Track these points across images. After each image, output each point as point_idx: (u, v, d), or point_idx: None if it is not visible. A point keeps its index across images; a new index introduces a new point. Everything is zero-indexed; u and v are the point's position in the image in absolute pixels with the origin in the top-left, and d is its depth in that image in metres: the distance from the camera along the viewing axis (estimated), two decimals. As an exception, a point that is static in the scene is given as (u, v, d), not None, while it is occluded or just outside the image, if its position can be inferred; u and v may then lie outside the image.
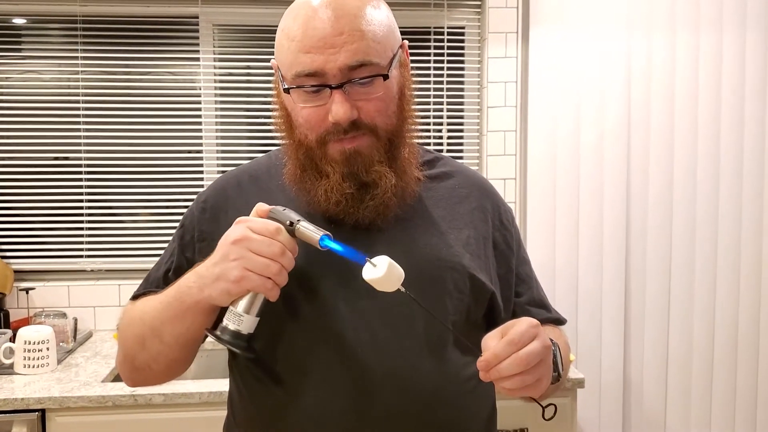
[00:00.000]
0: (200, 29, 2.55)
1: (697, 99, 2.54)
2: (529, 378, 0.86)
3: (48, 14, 2.52)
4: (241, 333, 0.91)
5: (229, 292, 0.90)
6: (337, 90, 0.95)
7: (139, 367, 1.04)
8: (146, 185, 2.56)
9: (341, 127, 0.96)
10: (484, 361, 0.86)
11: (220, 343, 0.92)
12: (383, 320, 0.99)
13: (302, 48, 0.95)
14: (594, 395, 2.53)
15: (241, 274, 0.89)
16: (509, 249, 1.15)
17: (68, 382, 1.95)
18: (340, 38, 0.94)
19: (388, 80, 0.98)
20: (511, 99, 2.58)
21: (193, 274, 0.95)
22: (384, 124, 0.99)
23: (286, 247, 0.90)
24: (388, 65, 0.98)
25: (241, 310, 0.91)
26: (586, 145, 2.52)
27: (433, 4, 2.60)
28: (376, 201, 0.99)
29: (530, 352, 0.85)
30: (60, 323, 2.24)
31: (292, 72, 0.97)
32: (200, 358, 2.34)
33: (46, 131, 2.53)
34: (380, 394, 0.98)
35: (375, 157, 0.99)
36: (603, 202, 2.53)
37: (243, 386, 1.08)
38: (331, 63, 0.94)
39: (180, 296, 0.95)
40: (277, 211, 0.93)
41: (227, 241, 0.91)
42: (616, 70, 2.51)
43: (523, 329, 0.86)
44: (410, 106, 1.04)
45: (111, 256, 2.56)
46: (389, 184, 0.99)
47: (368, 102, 0.97)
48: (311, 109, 0.97)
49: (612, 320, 2.54)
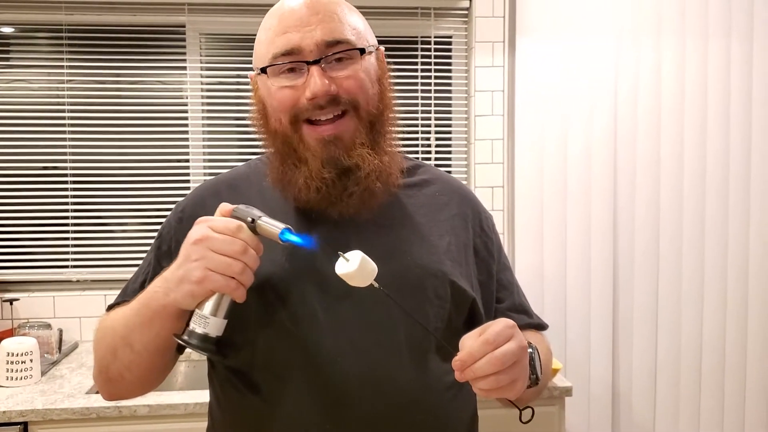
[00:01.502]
0: (187, 38, 2.54)
1: (683, 108, 2.56)
2: (504, 378, 0.85)
3: (34, 23, 2.51)
4: (209, 336, 0.89)
5: (192, 294, 0.88)
6: (314, 65, 0.95)
7: (113, 378, 1.02)
8: (132, 194, 2.55)
9: (318, 103, 0.95)
10: (459, 361, 0.85)
11: (189, 347, 0.90)
12: (363, 327, 0.98)
13: (279, 31, 0.96)
14: (582, 404, 2.53)
15: (203, 275, 0.87)
16: (490, 255, 1.14)
17: (52, 394, 1.93)
18: (316, 17, 0.96)
19: (366, 62, 0.98)
20: (499, 108, 2.59)
21: (160, 278, 0.94)
22: (365, 103, 0.99)
23: (248, 245, 0.88)
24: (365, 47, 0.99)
25: (207, 313, 0.89)
26: (573, 153, 2.52)
27: (420, 14, 2.61)
28: (360, 186, 0.98)
29: (505, 351, 0.85)
30: (44, 334, 2.22)
31: (269, 56, 0.97)
32: (186, 369, 2.32)
33: (32, 140, 2.51)
34: (360, 402, 0.97)
35: (356, 139, 0.98)
36: (590, 211, 2.53)
37: (222, 396, 1.07)
38: (307, 39, 0.95)
39: (147, 302, 0.94)
40: (239, 209, 0.92)
41: (188, 241, 0.89)
42: (603, 79, 2.52)
43: (499, 329, 0.86)
44: (390, 97, 1.04)
45: (97, 266, 2.54)
46: (372, 166, 0.98)
47: (347, 77, 0.97)
48: (286, 91, 0.97)
49: (600, 329, 2.54)
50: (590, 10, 2.50)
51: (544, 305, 2.52)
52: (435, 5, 2.60)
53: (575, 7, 2.50)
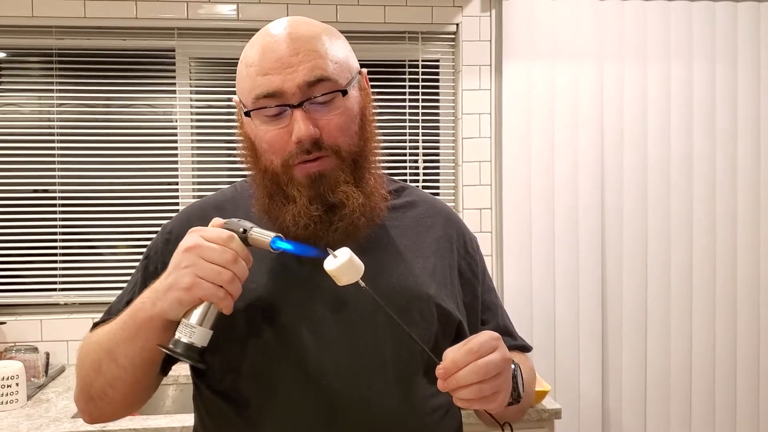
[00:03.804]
0: (177, 62, 2.57)
1: (669, 128, 2.59)
2: (487, 388, 0.86)
3: (24, 47, 2.53)
4: (194, 346, 0.89)
5: (180, 301, 0.88)
6: (297, 108, 0.95)
7: (96, 396, 1.01)
8: (121, 217, 2.55)
9: (304, 147, 0.96)
10: (443, 369, 0.86)
11: (173, 355, 0.89)
12: (349, 348, 0.99)
13: (260, 71, 0.97)
14: (572, 425, 2.52)
15: (192, 281, 0.87)
16: (474, 277, 1.15)
17: (38, 418, 1.91)
18: (296, 58, 0.95)
19: (348, 99, 0.99)
20: (486, 130, 2.61)
21: (148, 290, 0.94)
22: (346, 145, 0.99)
23: (239, 255, 0.89)
24: (347, 84, 0.99)
25: (194, 322, 0.89)
26: (560, 174, 2.55)
27: (407, 38, 2.64)
28: (345, 222, 0.99)
29: (489, 361, 0.86)
30: (31, 358, 2.21)
31: (251, 96, 0.98)
32: (173, 393, 2.31)
33: (21, 164, 2.52)
34: (345, 424, 0.97)
35: (340, 178, 0.99)
36: (578, 231, 2.55)
37: (207, 419, 1.06)
38: (289, 82, 0.95)
39: (134, 314, 0.94)
40: (231, 222, 0.93)
41: (180, 250, 0.90)
42: (588, 101, 2.55)
43: (483, 340, 0.87)
44: (372, 127, 1.05)
45: (85, 288, 2.53)
46: (356, 204, 0.99)
47: (329, 121, 0.97)
48: (274, 133, 0.98)
49: (589, 349, 2.54)
50: (575, 34, 2.54)
51: (532, 326, 2.53)
52: (422, 30, 2.63)
53: (560, 31, 2.54)
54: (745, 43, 2.62)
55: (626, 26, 2.57)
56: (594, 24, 2.55)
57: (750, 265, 2.63)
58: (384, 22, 2.59)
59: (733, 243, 2.63)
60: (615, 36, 2.57)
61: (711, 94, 2.60)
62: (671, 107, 2.59)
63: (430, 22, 2.61)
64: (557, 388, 2.52)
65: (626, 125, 2.58)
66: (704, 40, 2.59)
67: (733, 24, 2.61)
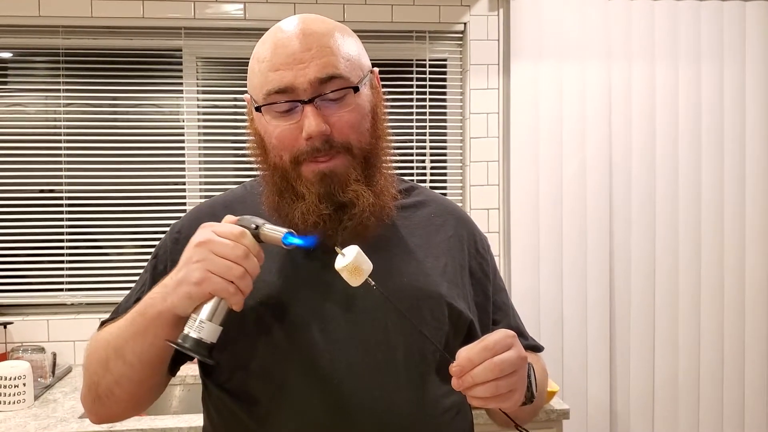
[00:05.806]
0: (183, 62, 2.56)
1: (677, 127, 2.58)
2: (503, 385, 0.85)
3: (31, 47, 2.53)
4: (203, 341, 0.88)
5: (190, 296, 0.87)
6: (309, 104, 0.94)
7: (102, 395, 1.00)
8: (128, 217, 2.55)
9: (315, 145, 0.95)
10: (458, 366, 0.85)
11: (182, 350, 0.88)
12: (360, 347, 0.98)
13: (271, 67, 0.96)
14: (580, 426, 2.51)
15: (203, 276, 0.86)
16: (486, 277, 1.14)
17: (45, 418, 1.91)
18: (308, 53, 0.95)
19: (359, 96, 0.98)
20: (494, 130, 2.60)
21: (159, 285, 0.93)
22: (358, 142, 0.99)
23: (250, 251, 0.88)
24: (359, 82, 0.98)
25: (204, 317, 0.88)
26: (568, 174, 2.54)
27: (415, 37, 2.64)
28: (354, 221, 0.98)
29: (504, 359, 0.85)
30: (38, 358, 2.21)
31: (263, 92, 0.97)
32: (181, 393, 2.30)
33: (28, 164, 2.52)
34: (356, 424, 0.96)
35: (351, 176, 0.98)
36: (586, 231, 2.53)
37: (217, 419, 1.06)
38: (300, 78, 0.94)
39: (143, 310, 0.93)
40: (244, 218, 0.92)
41: (191, 244, 0.89)
42: (596, 100, 2.54)
43: (498, 338, 0.86)
44: (384, 126, 1.04)
45: (92, 289, 2.53)
46: (367, 203, 0.98)
47: (340, 118, 0.96)
48: (284, 129, 0.97)
49: (597, 350, 2.53)
50: (583, 33, 2.53)
51: (540, 327, 2.52)
52: (430, 29, 2.62)
53: (568, 31, 2.53)
54: (754, 43, 2.60)
55: (634, 26, 2.56)
56: (602, 23, 2.54)
57: (759, 269, 2.61)
58: (391, 21, 2.58)
59: (742, 245, 2.61)
60: (622, 35, 2.56)
61: (719, 93, 2.59)
62: (679, 106, 2.58)
63: (437, 22, 2.61)
64: (565, 390, 2.50)
65: (634, 125, 2.57)
66: (712, 40, 2.58)
67: (742, 23, 2.59)
